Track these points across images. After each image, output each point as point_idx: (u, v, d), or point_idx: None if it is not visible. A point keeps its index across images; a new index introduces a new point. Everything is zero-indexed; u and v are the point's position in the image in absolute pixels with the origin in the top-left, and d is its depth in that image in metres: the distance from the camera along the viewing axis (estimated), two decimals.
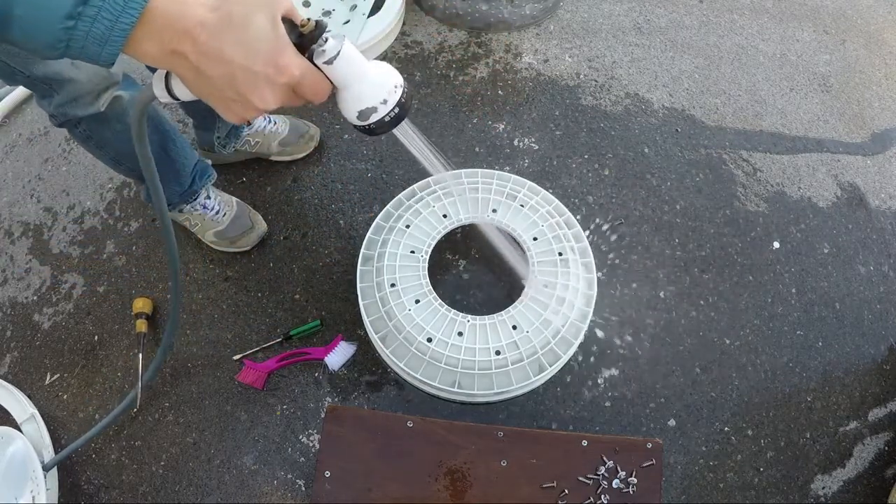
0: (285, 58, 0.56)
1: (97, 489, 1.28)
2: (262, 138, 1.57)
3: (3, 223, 1.65)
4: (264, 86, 0.56)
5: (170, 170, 1.30)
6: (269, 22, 0.54)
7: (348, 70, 0.61)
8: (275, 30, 0.54)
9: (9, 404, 1.36)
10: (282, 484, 1.26)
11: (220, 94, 0.56)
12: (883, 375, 1.38)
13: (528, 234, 1.33)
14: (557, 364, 1.22)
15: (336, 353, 1.35)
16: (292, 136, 1.59)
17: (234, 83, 0.55)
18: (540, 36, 1.89)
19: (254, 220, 1.50)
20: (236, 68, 0.54)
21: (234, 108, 0.58)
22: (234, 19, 0.52)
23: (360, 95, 0.63)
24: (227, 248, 1.50)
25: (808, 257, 1.51)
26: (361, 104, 0.63)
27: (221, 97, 0.57)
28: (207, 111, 1.37)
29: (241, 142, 1.56)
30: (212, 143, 1.51)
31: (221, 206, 1.46)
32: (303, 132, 1.61)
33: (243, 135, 1.55)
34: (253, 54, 0.54)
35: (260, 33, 0.53)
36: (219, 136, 1.49)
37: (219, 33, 0.52)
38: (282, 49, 0.55)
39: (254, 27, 0.53)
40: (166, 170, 1.28)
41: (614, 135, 1.69)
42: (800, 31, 1.93)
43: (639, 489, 1.11)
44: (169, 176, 1.30)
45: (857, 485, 1.27)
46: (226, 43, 0.52)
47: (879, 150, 1.70)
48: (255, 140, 1.57)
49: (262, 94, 0.56)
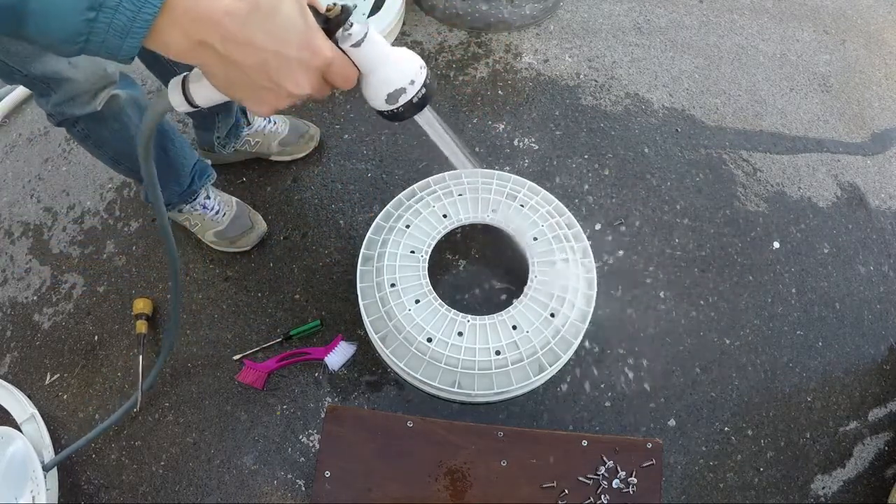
0: (317, 41, 0.56)
1: (97, 489, 1.28)
2: (262, 138, 1.57)
3: (3, 223, 1.65)
4: (298, 70, 0.55)
5: (169, 170, 1.30)
6: (297, 8, 0.53)
7: (375, 53, 0.61)
8: (303, 15, 0.54)
9: (9, 404, 1.36)
10: (282, 484, 1.26)
11: (251, 84, 0.55)
12: (883, 375, 1.38)
13: (528, 234, 1.33)
14: (557, 364, 1.22)
15: (336, 353, 1.35)
16: (292, 135, 1.59)
17: (267, 70, 0.54)
18: (540, 36, 1.89)
19: (254, 220, 1.49)
20: (269, 55, 0.53)
21: (266, 98, 0.57)
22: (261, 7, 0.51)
23: (387, 78, 0.63)
24: (227, 248, 1.50)
25: (808, 257, 1.51)
26: (390, 86, 0.63)
27: (253, 87, 0.56)
28: (206, 113, 1.36)
29: (241, 142, 1.56)
30: (212, 142, 1.50)
31: (221, 206, 1.46)
32: (303, 132, 1.61)
33: (243, 135, 1.55)
34: (285, 40, 0.53)
35: (289, 19, 0.53)
36: (219, 136, 1.49)
37: (248, 21, 0.51)
38: (313, 33, 0.55)
39: (283, 13, 0.52)
40: (165, 170, 1.28)
41: (614, 135, 1.69)
42: (800, 31, 1.93)
43: (639, 489, 1.11)
44: (168, 176, 1.30)
45: (857, 485, 1.27)
46: (256, 30, 0.51)
47: (879, 150, 1.70)
48: (255, 140, 1.56)
49: (296, 80, 0.56)
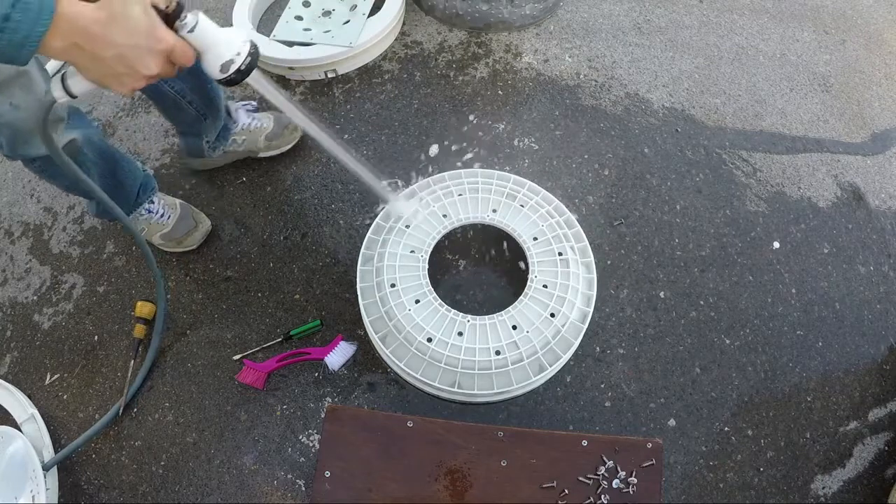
0: (159, 31, 0.73)
1: (97, 489, 1.28)
2: (248, 135, 1.58)
3: (3, 223, 1.65)
4: (148, 56, 0.73)
5: (118, 191, 1.37)
6: (143, 9, 0.71)
7: (206, 36, 0.78)
8: (147, 14, 0.72)
9: (9, 404, 1.36)
10: (282, 484, 1.26)
11: (113, 71, 0.73)
12: (883, 375, 1.38)
13: (528, 234, 1.33)
14: (557, 364, 1.22)
15: (336, 353, 1.35)
16: (277, 128, 1.61)
17: (124, 60, 0.72)
18: (540, 36, 1.89)
19: (197, 219, 1.52)
20: (125, 48, 0.71)
21: (125, 81, 0.75)
22: (116, 13, 0.70)
23: (218, 53, 0.79)
24: (174, 249, 1.52)
25: (808, 257, 1.51)
26: (221, 59, 0.80)
27: (115, 74, 0.73)
28: (194, 118, 1.41)
29: (229, 142, 1.57)
30: (201, 148, 1.52)
31: (165, 209, 1.49)
32: (286, 123, 1.63)
33: (231, 135, 1.56)
34: (135, 34, 0.71)
35: (137, 19, 0.71)
36: (208, 141, 1.51)
37: (107, 25, 0.69)
38: (155, 26, 0.73)
39: (132, 16, 0.70)
40: (116, 191, 1.35)
41: (614, 135, 1.69)
42: (800, 31, 1.93)
43: (639, 489, 1.11)
44: (118, 196, 1.36)
45: (857, 485, 1.27)
46: (114, 31, 0.70)
47: (879, 150, 1.70)
48: (241, 138, 1.58)
49: (147, 63, 0.74)
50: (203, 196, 1.62)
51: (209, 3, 2.06)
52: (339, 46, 1.76)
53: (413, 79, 1.81)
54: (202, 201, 1.61)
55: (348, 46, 1.76)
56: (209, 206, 1.59)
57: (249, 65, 0.82)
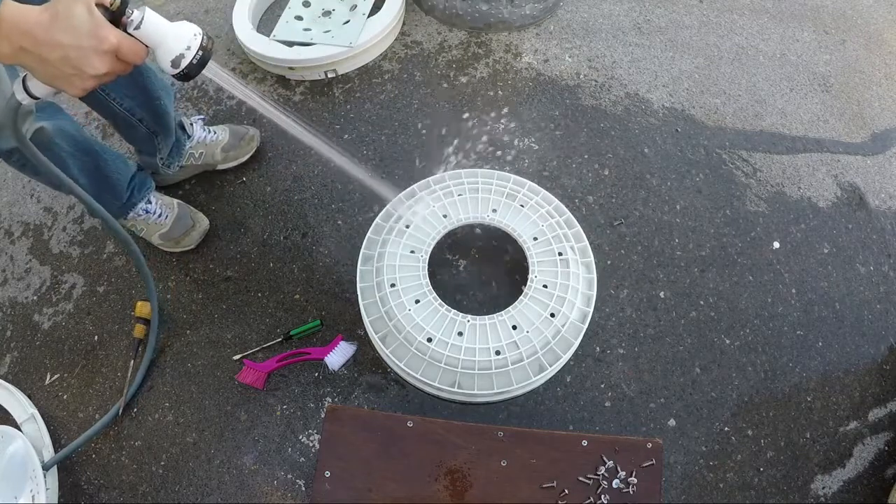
0: (103, 31, 0.72)
1: (97, 489, 1.28)
2: (204, 149, 1.58)
3: (3, 223, 1.65)
4: (93, 56, 0.72)
5: (105, 186, 1.35)
6: (86, 9, 0.70)
7: (154, 31, 0.77)
8: (91, 13, 0.71)
9: (9, 404, 1.36)
10: (282, 484, 1.26)
11: (61, 73, 0.72)
12: (883, 375, 1.38)
13: (528, 234, 1.33)
14: (557, 364, 1.22)
15: (336, 353, 1.35)
16: (233, 139, 1.61)
17: (69, 61, 0.71)
18: (540, 36, 1.90)
19: (195, 219, 1.52)
20: (69, 49, 0.70)
21: (75, 82, 0.74)
22: (59, 14, 0.69)
23: (168, 48, 0.78)
24: (173, 249, 1.52)
25: (808, 257, 1.51)
26: (172, 54, 0.78)
27: (63, 75, 0.73)
28: (146, 136, 1.41)
29: (185, 157, 1.57)
30: (156, 165, 1.52)
31: (163, 209, 1.48)
32: (242, 134, 1.62)
33: (186, 150, 1.56)
34: (78, 35, 0.70)
35: (80, 19, 0.70)
36: (161, 157, 1.51)
37: (51, 27, 0.69)
38: (99, 25, 0.71)
39: (75, 15, 0.70)
40: (103, 186, 1.34)
41: (614, 135, 1.69)
42: (800, 31, 1.93)
43: (639, 489, 1.11)
44: (106, 191, 1.35)
45: (857, 485, 1.27)
46: (57, 33, 0.69)
47: (879, 150, 1.70)
48: (198, 152, 1.58)
49: (92, 63, 0.72)
50: (203, 196, 1.62)
51: (209, 3, 2.06)
52: (339, 46, 1.76)
53: (413, 79, 1.81)
54: (202, 201, 1.61)
55: (348, 46, 1.76)
56: (209, 206, 1.59)
57: (202, 58, 0.80)
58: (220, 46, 1.94)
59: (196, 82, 1.85)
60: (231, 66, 1.88)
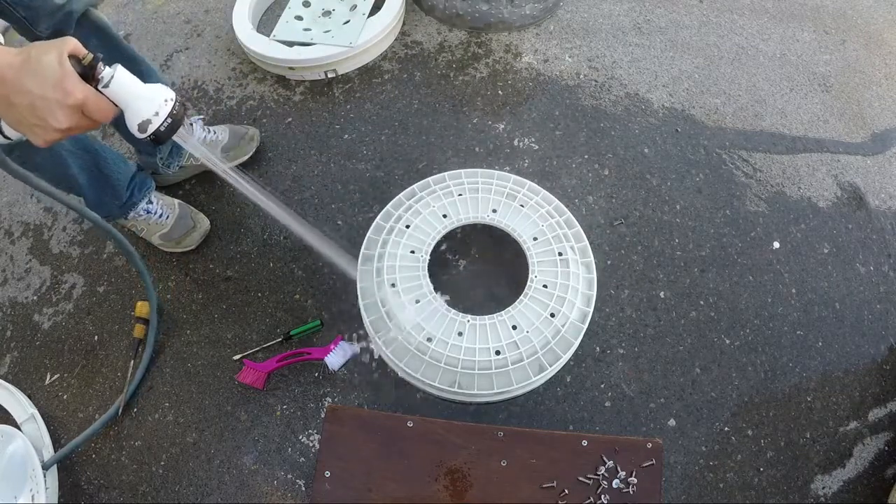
0: (69, 84, 0.69)
1: (97, 489, 1.28)
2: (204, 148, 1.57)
3: (3, 223, 1.65)
4: (57, 109, 0.69)
5: (105, 185, 1.35)
6: (57, 58, 0.68)
7: (123, 91, 0.74)
8: (61, 64, 0.69)
9: (9, 404, 1.36)
10: (282, 484, 1.26)
11: (26, 120, 0.70)
12: (883, 375, 1.38)
13: (528, 234, 1.33)
14: (557, 364, 1.22)
15: (336, 353, 1.35)
16: (233, 140, 1.61)
17: (34, 110, 0.69)
18: (540, 36, 1.90)
19: (196, 220, 1.52)
20: (35, 97, 0.68)
21: (37, 132, 0.71)
22: (31, 59, 0.67)
23: (136, 111, 0.75)
24: (173, 249, 1.52)
25: (808, 257, 1.51)
26: (139, 118, 0.75)
27: (27, 123, 0.70)
28: None
29: (185, 157, 1.57)
30: (155, 165, 1.52)
31: (164, 209, 1.49)
32: (242, 134, 1.62)
33: (185, 150, 1.56)
34: (45, 85, 0.68)
35: (49, 67, 0.68)
36: (161, 157, 1.51)
37: (20, 71, 0.67)
38: (66, 77, 0.69)
39: (45, 63, 0.68)
40: (103, 185, 1.34)
41: (614, 135, 1.69)
42: (800, 31, 1.93)
43: (639, 489, 1.11)
44: (106, 191, 1.35)
45: (857, 485, 1.27)
46: (26, 78, 0.67)
47: (879, 150, 1.70)
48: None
49: (56, 116, 0.70)
50: (203, 196, 1.62)
51: (209, 3, 2.06)
52: (339, 46, 1.76)
53: (413, 79, 1.81)
54: (202, 201, 1.61)
55: (348, 46, 1.76)
56: (209, 206, 1.59)
57: (171, 126, 0.76)
58: (221, 46, 1.94)
59: (196, 82, 1.86)
60: (231, 66, 1.88)
